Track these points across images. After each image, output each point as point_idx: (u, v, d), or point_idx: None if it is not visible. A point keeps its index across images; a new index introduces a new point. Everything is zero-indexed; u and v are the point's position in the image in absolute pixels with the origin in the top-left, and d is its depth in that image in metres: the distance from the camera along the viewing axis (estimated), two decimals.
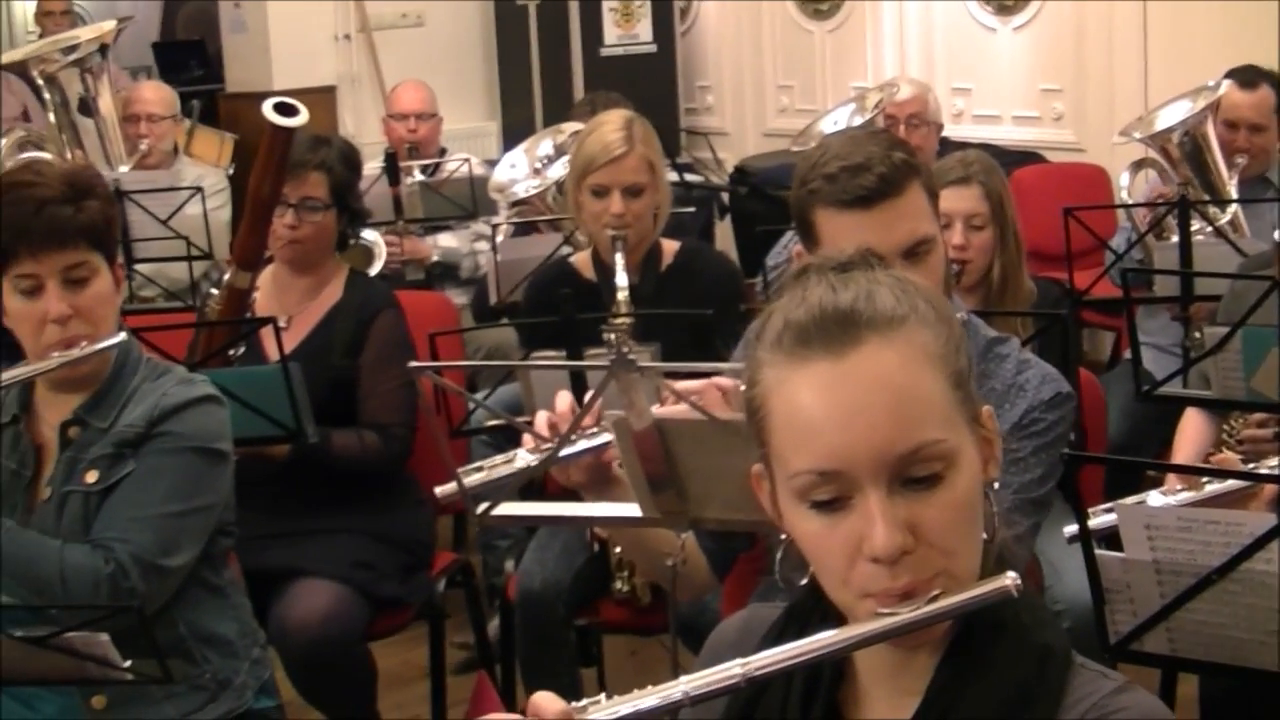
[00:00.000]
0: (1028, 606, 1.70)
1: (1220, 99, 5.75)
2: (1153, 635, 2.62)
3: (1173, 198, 5.35)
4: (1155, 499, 2.84)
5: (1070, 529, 2.71)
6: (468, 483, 2.56)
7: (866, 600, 1.63)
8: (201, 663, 3.30)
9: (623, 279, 4.35)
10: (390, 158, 6.41)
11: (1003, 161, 4.69)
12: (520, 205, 6.02)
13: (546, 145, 6.14)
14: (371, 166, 5.88)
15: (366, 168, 4.99)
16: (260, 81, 9.52)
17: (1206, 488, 2.83)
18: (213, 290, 4.29)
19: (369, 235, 5.85)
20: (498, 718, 1.66)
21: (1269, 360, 3.63)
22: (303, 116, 4.04)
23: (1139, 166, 6.19)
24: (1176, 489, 2.95)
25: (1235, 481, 2.85)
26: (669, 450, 2.47)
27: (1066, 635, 1.75)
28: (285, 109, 4.02)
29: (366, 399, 4.35)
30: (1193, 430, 4.30)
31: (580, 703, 1.62)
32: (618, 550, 4.07)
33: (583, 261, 4.68)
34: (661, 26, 9.94)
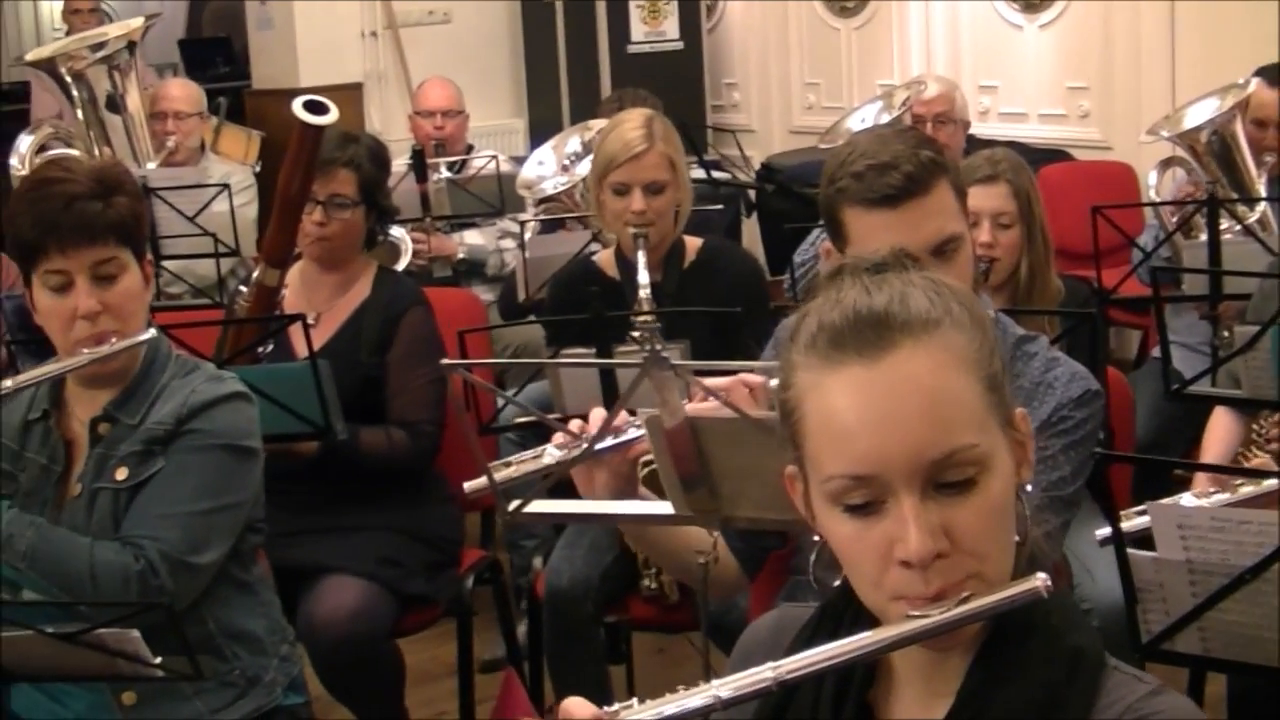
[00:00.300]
0: (1059, 608, 1.70)
1: (1249, 97, 5.72)
2: (1185, 635, 2.61)
3: (1201, 196, 5.33)
4: (1188, 500, 2.83)
5: (1103, 531, 2.70)
6: (497, 478, 2.57)
7: (898, 603, 1.63)
8: (231, 659, 3.30)
9: (645, 276, 4.34)
10: (417, 154, 6.41)
11: (1029, 159, 4.68)
12: (548, 202, 6.02)
13: (574, 142, 6.15)
14: (398, 163, 5.88)
15: (394, 164, 4.98)
16: (286, 78, 9.56)
17: (1241, 489, 2.82)
18: (241, 288, 4.29)
19: (395, 232, 5.86)
20: None
21: None
22: (333, 115, 4.05)
23: (1167, 165, 6.18)
24: (1210, 490, 2.94)
25: (1272, 482, 2.84)
26: (702, 448, 2.47)
27: (1099, 637, 1.74)
28: (315, 107, 4.02)
29: (395, 396, 4.34)
30: (1221, 429, 4.29)
31: (612, 707, 1.63)
32: None
33: (605, 259, 4.69)
34: (688, 24, 9.95)
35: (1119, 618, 2.88)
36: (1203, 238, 5.02)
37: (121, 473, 3.19)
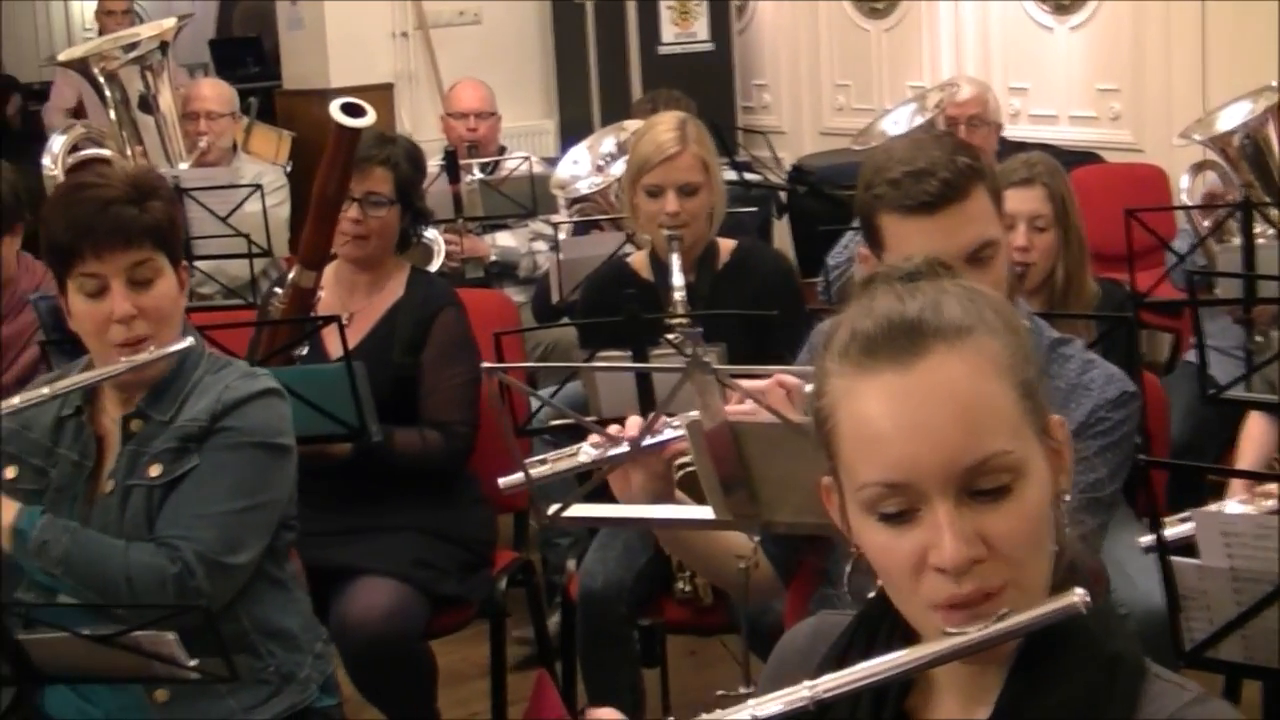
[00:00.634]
0: (1097, 614, 1.68)
1: None
2: (1228, 642, 2.60)
3: (1234, 200, 5.31)
4: (1233, 507, 2.82)
5: (1146, 539, 2.69)
6: (533, 474, 2.57)
7: (934, 613, 1.63)
8: (265, 656, 3.29)
9: (679, 278, 4.35)
10: (450, 156, 6.42)
11: (1059, 161, 4.67)
12: (581, 203, 6.02)
13: (609, 142, 6.15)
14: (431, 164, 5.89)
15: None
16: (317, 79, 9.58)
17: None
18: (275, 289, 4.29)
19: (428, 233, 5.86)
20: None
21: None
22: (370, 117, 4.05)
23: (1199, 169, 6.15)
24: (1252, 496, 2.93)
25: None
26: (741, 453, 2.47)
27: (1138, 643, 1.73)
28: (352, 109, 4.02)
29: (428, 396, 4.34)
30: (1257, 433, 4.28)
31: None
32: None
33: (639, 261, 4.69)
34: (718, 25, 9.95)
35: (1156, 622, 2.87)
36: (1236, 241, 5.00)
37: (155, 469, 3.19)
